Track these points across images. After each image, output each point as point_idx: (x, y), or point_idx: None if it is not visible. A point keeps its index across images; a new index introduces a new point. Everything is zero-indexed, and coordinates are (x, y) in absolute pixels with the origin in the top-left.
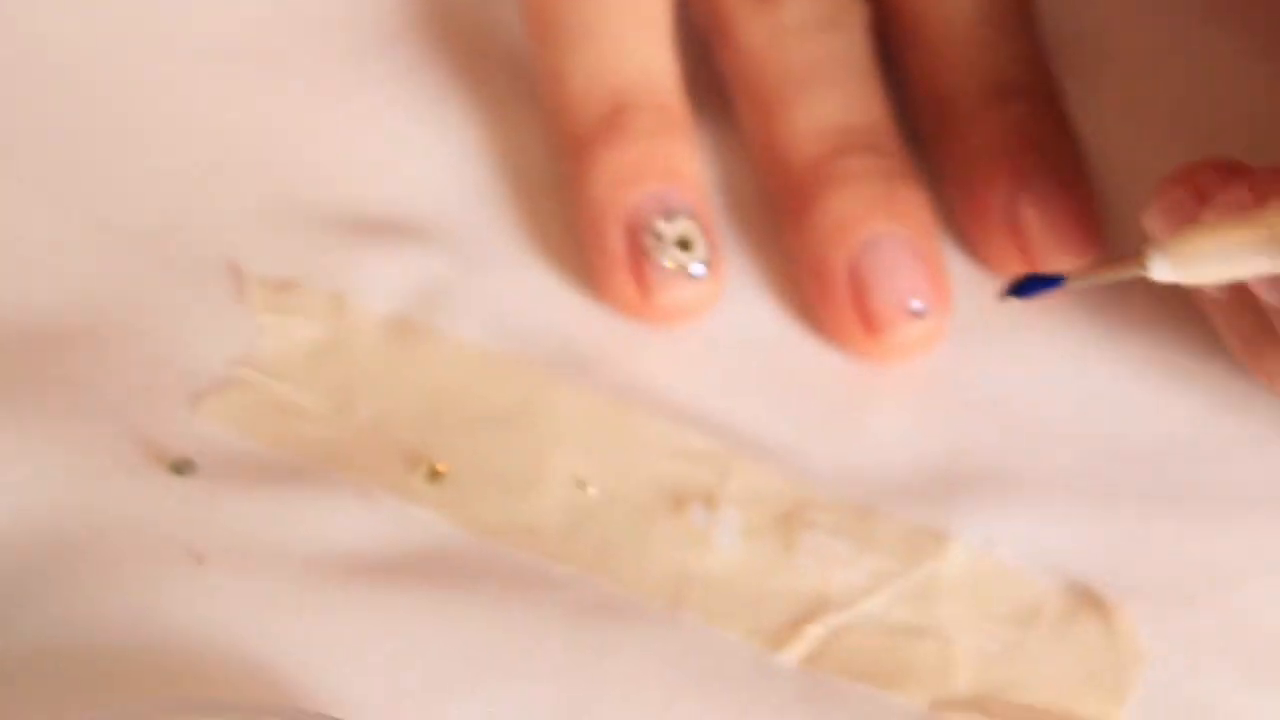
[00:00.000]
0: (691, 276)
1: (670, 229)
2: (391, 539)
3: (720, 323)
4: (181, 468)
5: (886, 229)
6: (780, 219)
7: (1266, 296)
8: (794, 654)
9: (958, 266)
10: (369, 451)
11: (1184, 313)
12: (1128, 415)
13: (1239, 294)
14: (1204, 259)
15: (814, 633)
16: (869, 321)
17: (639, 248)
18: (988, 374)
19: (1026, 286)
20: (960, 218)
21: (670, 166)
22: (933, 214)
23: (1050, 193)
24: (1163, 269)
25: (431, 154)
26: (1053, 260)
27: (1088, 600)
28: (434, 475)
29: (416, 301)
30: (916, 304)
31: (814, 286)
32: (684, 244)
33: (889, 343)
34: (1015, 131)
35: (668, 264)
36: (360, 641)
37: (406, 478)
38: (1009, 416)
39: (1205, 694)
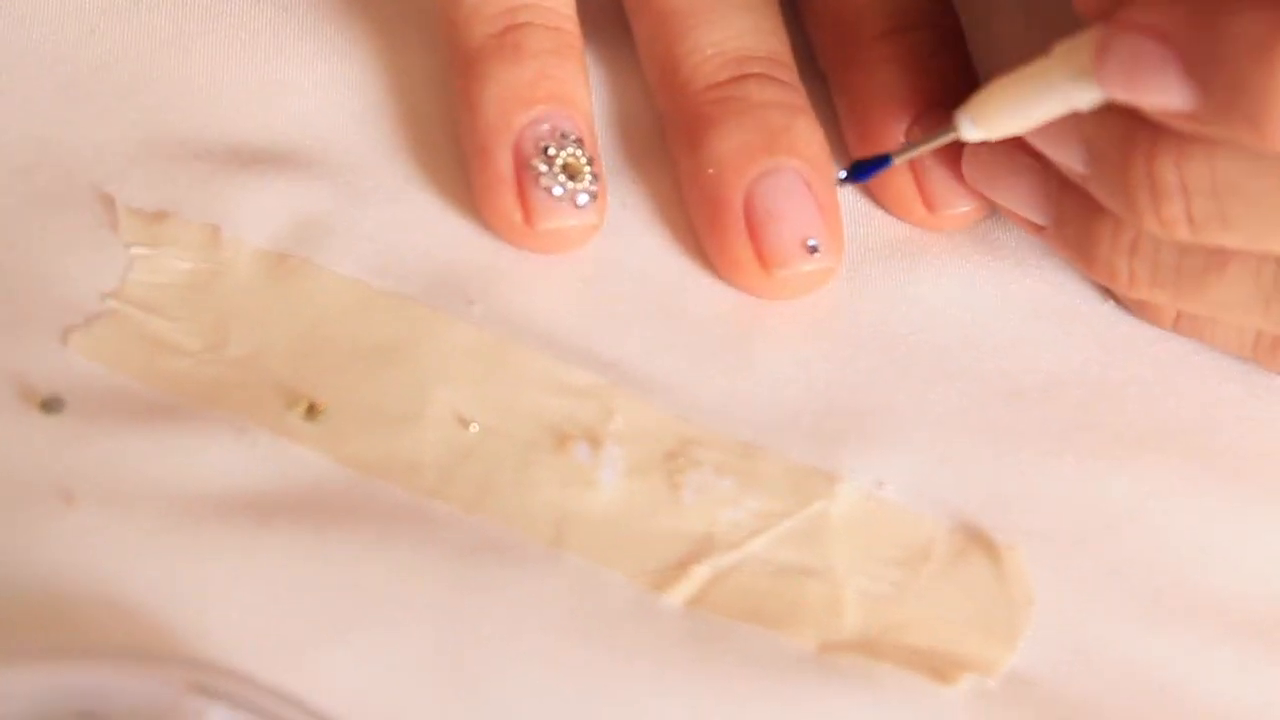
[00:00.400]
0: (577, 206)
1: (560, 155)
2: (268, 477)
3: (606, 255)
4: (51, 405)
5: (785, 162)
6: (674, 143)
7: (1068, 161)
8: (679, 595)
9: (848, 202)
10: (245, 387)
11: None
12: (1019, 355)
13: (1059, 208)
14: (1001, 113)
15: (700, 573)
16: (764, 255)
17: (526, 171)
18: (878, 311)
19: (860, 171)
20: (857, 155)
21: (563, 91)
22: (828, 150)
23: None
24: (970, 129)
25: (310, 82)
26: (951, 202)
27: (978, 541)
28: (312, 412)
29: (294, 234)
30: (813, 240)
31: (707, 215)
32: (571, 171)
33: (782, 278)
34: (914, 64)
35: (555, 191)
36: (236, 582)
37: (284, 414)
38: (899, 354)
39: (1097, 635)
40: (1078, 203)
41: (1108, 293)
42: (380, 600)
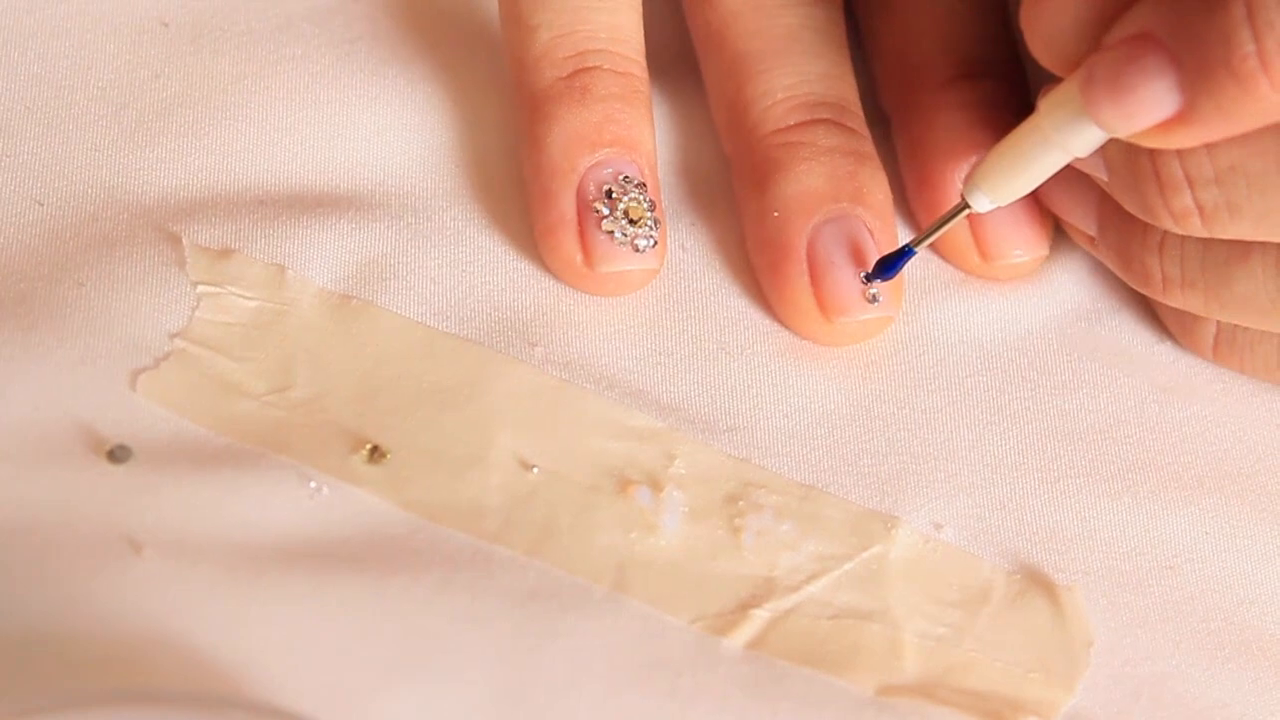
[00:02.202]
0: (637, 250)
1: (622, 200)
2: (333, 524)
3: (665, 298)
4: (118, 455)
5: (850, 210)
6: (739, 186)
7: (1093, 171)
8: (739, 639)
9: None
10: (309, 431)
11: (1131, 295)
12: (1076, 396)
13: (1100, 215)
14: (1006, 178)
15: (759, 616)
16: (824, 302)
17: (588, 214)
18: (936, 354)
19: (885, 267)
20: (915, 204)
21: (628, 135)
22: (891, 198)
23: None
24: (981, 200)
25: (373, 125)
26: (1006, 252)
27: (1037, 582)
28: (375, 455)
29: (357, 275)
30: (874, 290)
31: (770, 259)
32: (632, 216)
33: (841, 325)
34: (976, 114)
35: (617, 234)
36: (300, 629)
37: (347, 458)
38: (956, 396)
39: (1155, 676)
40: (1115, 208)
41: (1164, 335)
42: (442, 646)
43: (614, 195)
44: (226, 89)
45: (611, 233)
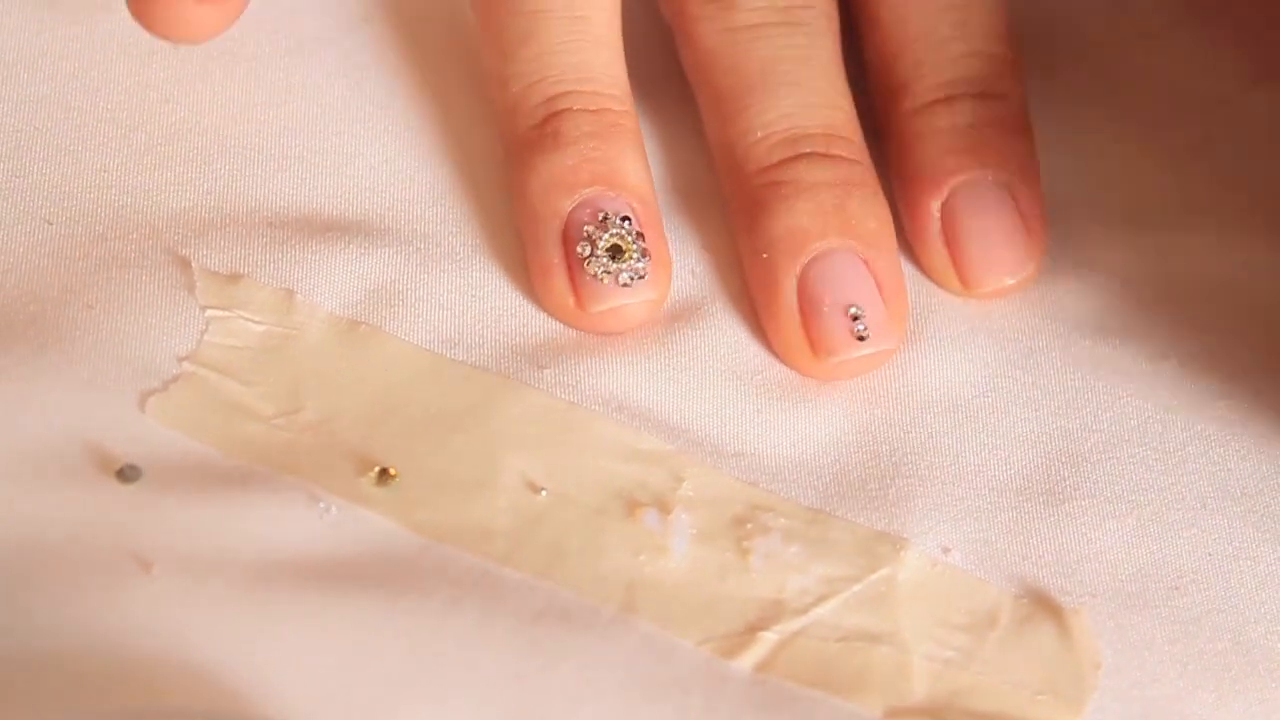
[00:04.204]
0: (620, 285)
1: (603, 238)
2: (341, 544)
3: (674, 322)
4: (127, 474)
5: (838, 243)
6: (734, 224)
7: None
8: (748, 661)
9: (908, 268)
10: (318, 453)
11: (1135, 314)
12: (1079, 415)
13: None
14: None
15: (768, 639)
16: (814, 342)
17: (574, 257)
18: (941, 376)
19: None
20: (904, 228)
21: (608, 171)
22: (891, 222)
23: (991, 208)
24: None
25: (380, 153)
26: (988, 280)
27: (1043, 605)
28: (384, 478)
29: (365, 301)
30: (860, 326)
31: (762, 300)
32: (615, 252)
33: (834, 364)
34: (963, 135)
35: (598, 274)
36: (309, 648)
37: (356, 481)
38: (962, 418)
39: (1163, 699)
40: None
41: (1168, 353)
42: (450, 667)
43: (592, 236)
44: (234, 115)
45: (594, 273)
